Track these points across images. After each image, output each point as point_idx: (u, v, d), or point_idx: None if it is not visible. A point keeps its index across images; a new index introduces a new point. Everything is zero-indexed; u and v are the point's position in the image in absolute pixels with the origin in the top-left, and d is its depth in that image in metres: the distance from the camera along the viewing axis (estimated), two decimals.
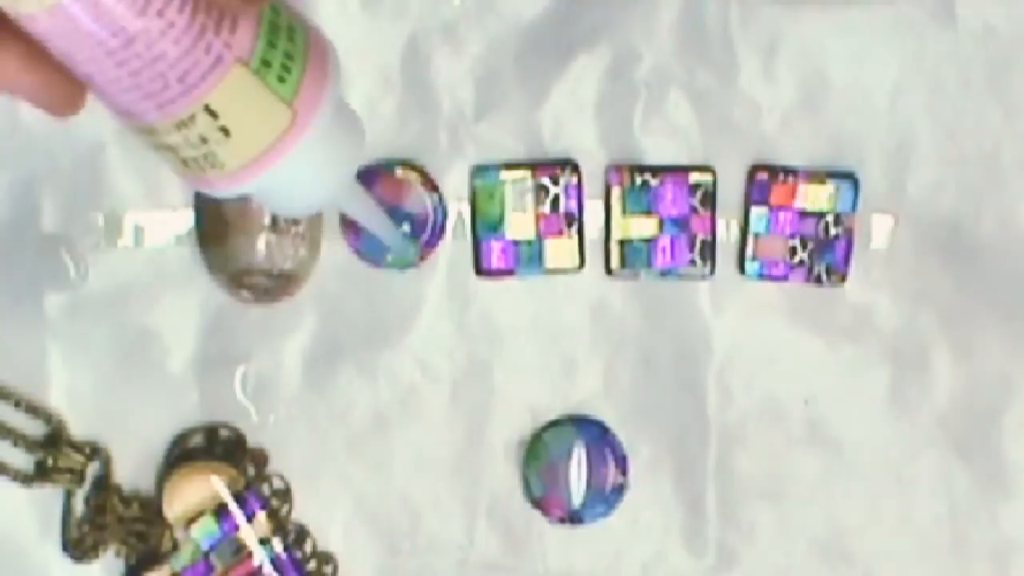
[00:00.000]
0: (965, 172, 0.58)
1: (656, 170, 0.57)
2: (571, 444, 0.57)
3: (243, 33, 0.36)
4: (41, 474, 0.57)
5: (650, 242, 0.58)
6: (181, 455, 0.57)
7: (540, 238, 0.57)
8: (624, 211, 0.57)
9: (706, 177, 0.57)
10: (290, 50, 0.37)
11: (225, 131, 0.37)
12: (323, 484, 0.58)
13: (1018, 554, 0.58)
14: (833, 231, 0.58)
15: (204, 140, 0.37)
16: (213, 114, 0.37)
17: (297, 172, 0.39)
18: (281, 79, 0.37)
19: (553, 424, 0.58)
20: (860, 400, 0.58)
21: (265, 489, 0.57)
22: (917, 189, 0.58)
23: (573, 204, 0.57)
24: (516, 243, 0.57)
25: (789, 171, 0.58)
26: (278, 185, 0.39)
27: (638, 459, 0.58)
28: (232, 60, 0.36)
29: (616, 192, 0.57)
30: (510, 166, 0.57)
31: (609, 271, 0.58)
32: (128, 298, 0.57)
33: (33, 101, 0.39)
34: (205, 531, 0.56)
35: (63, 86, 0.38)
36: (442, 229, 0.57)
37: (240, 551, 0.56)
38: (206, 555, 0.56)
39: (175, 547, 0.56)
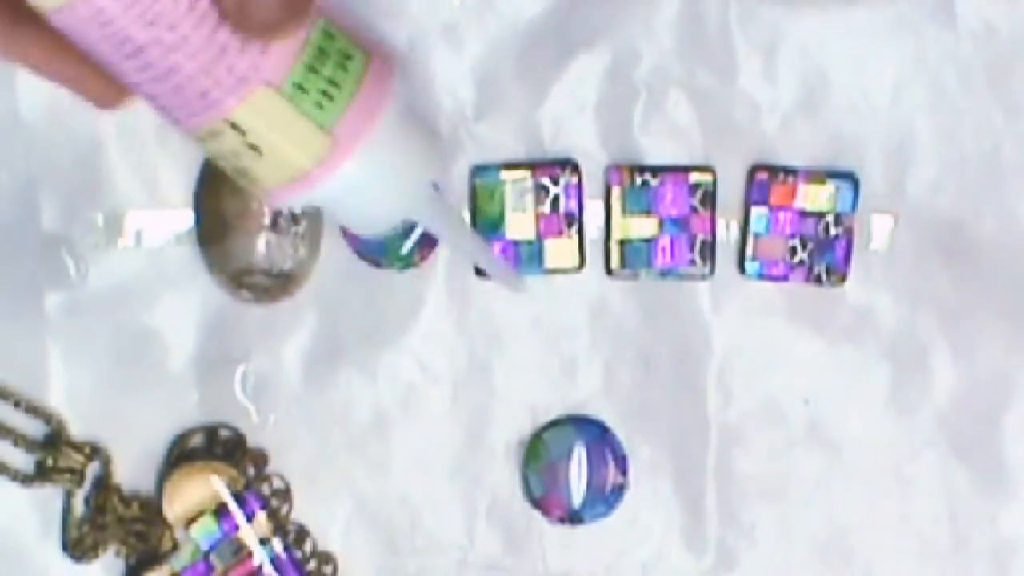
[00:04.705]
0: (965, 172, 0.58)
1: (656, 170, 0.57)
2: (571, 444, 0.57)
3: (276, 57, 0.36)
4: (41, 474, 0.57)
5: (650, 242, 0.58)
6: (181, 455, 0.57)
7: (540, 238, 0.57)
8: (624, 211, 0.57)
9: (706, 177, 0.57)
10: (337, 77, 0.37)
11: (255, 148, 0.37)
12: (323, 484, 0.58)
13: (1018, 554, 0.58)
14: (833, 231, 0.58)
15: (236, 154, 0.37)
16: (240, 131, 0.36)
17: (348, 193, 0.38)
18: (320, 105, 0.36)
19: (553, 424, 0.58)
20: (860, 400, 0.58)
21: (265, 489, 0.57)
22: (917, 189, 0.58)
23: (573, 204, 0.57)
24: (516, 243, 0.57)
25: (789, 171, 0.58)
26: (331, 203, 0.38)
27: (638, 459, 0.58)
28: (259, 82, 0.36)
29: (616, 192, 0.57)
30: (510, 166, 0.57)
31: (609, 271, 0.58)
32: (128, 298, 0.57)
33: (70, 90, 0.39)
34: (205, 531, 0.56)
35: (95, 79, 0.38)
36: None
37: (240, 551, 0.56)
38: (206, 555, 0.56)
39: (175, 547, 0.56)
